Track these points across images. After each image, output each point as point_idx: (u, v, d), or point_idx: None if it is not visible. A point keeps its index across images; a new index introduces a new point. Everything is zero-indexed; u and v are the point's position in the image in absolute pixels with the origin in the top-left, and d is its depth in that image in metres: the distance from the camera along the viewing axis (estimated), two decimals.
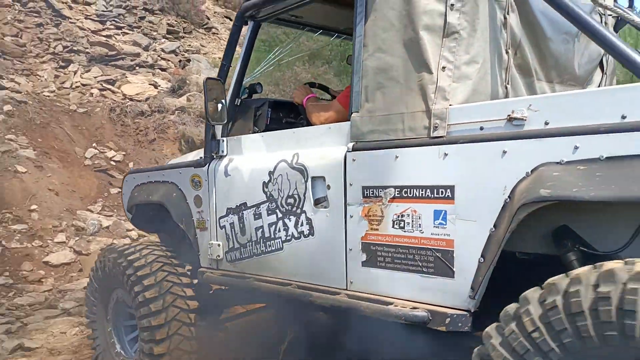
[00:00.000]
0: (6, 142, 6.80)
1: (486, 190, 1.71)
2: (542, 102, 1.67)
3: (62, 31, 9.54)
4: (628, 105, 1.43)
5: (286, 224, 2.44)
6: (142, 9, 11.21)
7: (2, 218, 5.85)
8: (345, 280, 2.16)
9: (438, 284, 1.84)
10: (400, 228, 1.96)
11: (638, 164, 1.38)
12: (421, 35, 1.94)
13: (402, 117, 2.00)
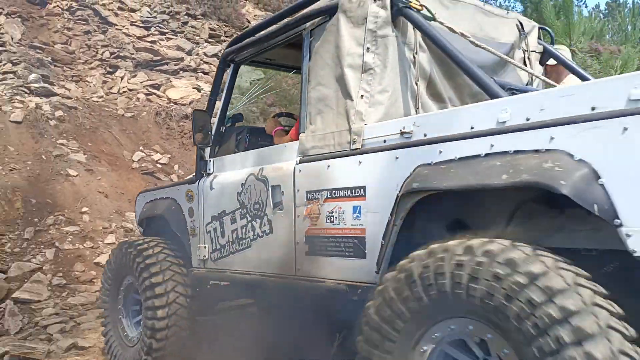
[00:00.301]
0: (58, 146, 7.05)
1: (385, 188, 2.20)
2: (422, 119, 2.18)
3: (109, 38, 9.83)
4: (475, 119, 1.96)
5: (253, 225, 2.98)
6: (185, 14, 11.44)
7: (56, 220, 6.06)
8: (294, 268, 2.67)
9: (355, 264, 2.35)
10: (331, 222, 2.48)
11: (476, 162, 1.88)
12: (346, 72, 2.50)
13: (333, 135, 2.54)
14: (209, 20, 11.68)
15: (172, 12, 11.34)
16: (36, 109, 7.41)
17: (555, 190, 1.61)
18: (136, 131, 8.07)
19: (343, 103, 2.52)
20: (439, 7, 2.64)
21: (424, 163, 2.07)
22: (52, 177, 6.62)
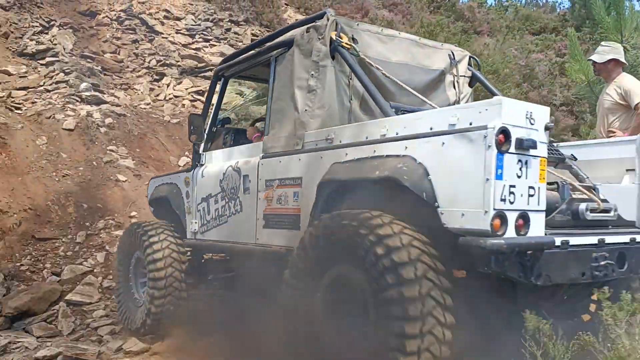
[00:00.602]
0: (108, 152, 7.29)
1: (313, 179, 3.04)
2: (339, 130, 3.02)
3: (156, 46, 10.10)
4: (369, 131, 2.81)
5: (229, 205, 3.89)
6: (228, 20, 11.63)
7: (106, 224, 6.27)
8: (255, 237, 3.58)
9: (293, 234, 3.20)
10: (279, 203, 3.37)
11: (365, 162, 2.71)
12: (296, 91, 3.33)
13: (285, 138, 3.38)
14: (251, 26, 11.84)
15: (216, 19, 11.55)
16: (87, 116, 7.69)
17: (401, 183, 2.44)
18: (182, 137, 8.25)
19: (292, 115, 3.35)
20: (377, 42, 3.47)
21: (337, 162, 2.90)
22: (102, 182, 6.85)
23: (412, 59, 3.61)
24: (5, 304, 4.71)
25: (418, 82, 3.55)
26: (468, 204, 2.24)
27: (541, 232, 2.36)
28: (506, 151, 2.22)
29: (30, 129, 7.21)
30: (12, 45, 8.77)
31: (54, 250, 5.74)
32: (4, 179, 6.17)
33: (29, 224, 5.89)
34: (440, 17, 11.86)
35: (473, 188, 2.22)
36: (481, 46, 11.90)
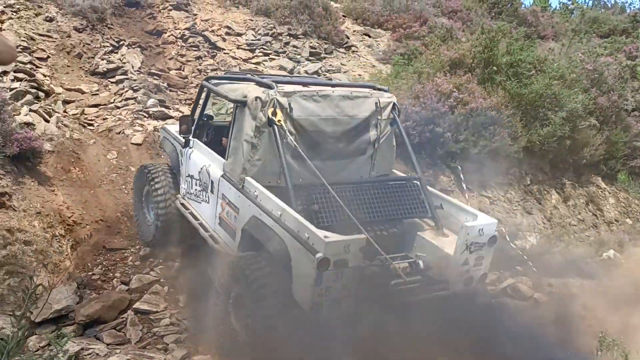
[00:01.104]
0: None
1: (243, 217, 4.45)
2: (261, 193, 4.30)
3: (218, 62, 10.42)
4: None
5: (203, 193, 5.23)
6: (287, 34, 11.83)
7: None
8: (213, 228, 5.04)
9: (231, 242, 4.62)
10: (227, 216, 4.74)
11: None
12: (244, 143, 4.48)
13: (235, 172, 4.59)
14: (310, 39, 11.99)
15: (275, 33, 11.78)
16: (154, 131, 8.00)
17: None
18: None
19: (240, 157, 4.51)
20: (311, 103, 4.50)
21: (255, 216, 4.28)
22: None
23: (341, 112, 4.64)
24: (78, 312, 4.94)
25: (343, 129, 4.68)
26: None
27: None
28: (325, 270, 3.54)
29: (101, 144, 7.59)
30: (85, 65, 9.28)
31: (123, 260, 5.99)
32: (78, 192, 6.51)
33: (100, 235, 6.19)
34: (502, 23, 11.56)
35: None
36: (546, 51, 11.51)
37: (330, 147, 4.58)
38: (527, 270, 7.27)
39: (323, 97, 4.53)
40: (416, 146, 8.46)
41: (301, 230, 3.72)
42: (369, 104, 4.76)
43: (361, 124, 4.73)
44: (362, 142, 4.77)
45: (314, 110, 4.47)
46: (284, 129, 4.25)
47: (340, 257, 3.55)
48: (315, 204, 4.14)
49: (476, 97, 8.78)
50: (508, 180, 9.27)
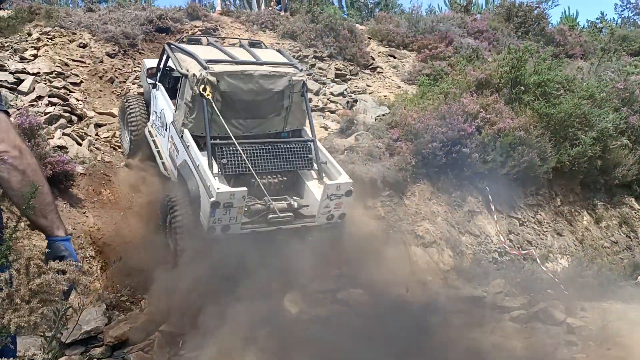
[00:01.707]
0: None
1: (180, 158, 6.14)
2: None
3: None
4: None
5: (161, 129, 6.72)
6: (313, 57, 11.96)
7: None
8: (167, 157, 6.55)
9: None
10: (175, 150, 6.25)
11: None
12: (184, 104, 6.04)
13: (178, 124, 6.14)
14: (335, 61, 12.09)
15: (301, 56, 11.92)
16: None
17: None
18: None
19: (182, 115, 6.01)
20: (236, 80, 5.88)
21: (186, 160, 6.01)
22: None
23: (260, 87, 6.04)
24: (107, 333, 5.00)
25: (262, 98, 6.12)
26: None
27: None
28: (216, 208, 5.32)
29: (130, 165, 7.74)
30: (116, 89, 9.53)
31: (151, 282, 6.04)
32: (108, 214, 6.64)
33: (129, 256, 6.27)
34: (530, 43, 11.48)
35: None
36: (574, 70, 11.36)
37: (252, 110, 6.14)
38: (559, 293, 7.10)
39: (246, 75, 5.96)
40: (443, 167, 8.41)
41: (207, 179, 5.42)
42: (283, 80, 6.17)
43: (276, 94, 6.20)
44: (277, 107, 6.29)
45: (238, 85, 5.94)
46: (211, 101, 5.74)
47: (227, 201, 5.32)
48: (224, 158, 5.74)
49: (504, 118, 8.70)
50: (538, 201, 9.11)
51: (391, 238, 7.50)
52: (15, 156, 1.77)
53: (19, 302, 1.36)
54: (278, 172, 6.18)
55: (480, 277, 7.29)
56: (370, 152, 8.49)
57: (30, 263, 1.43)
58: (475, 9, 18.58)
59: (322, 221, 6.07)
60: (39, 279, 1.39)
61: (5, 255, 1.67)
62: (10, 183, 1.76)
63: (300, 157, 6.23)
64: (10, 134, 1.79)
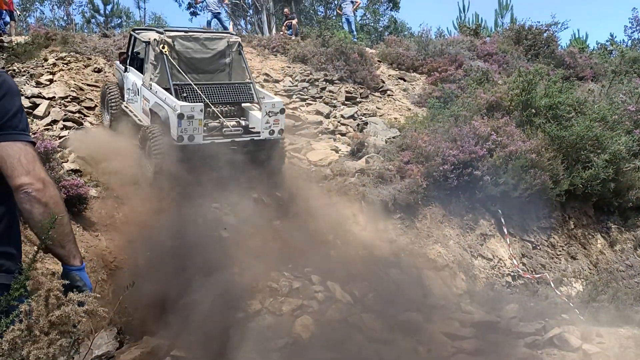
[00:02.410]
0: (212, 209, 7.66)
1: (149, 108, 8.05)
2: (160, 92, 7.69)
3: None
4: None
5: (134, 97, 8.49)
6: (323, 80, 12.07)
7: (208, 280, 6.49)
8: (140, 115, 8.21)
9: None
10: (145, 106, 8.10)
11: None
12: (150, 65, 7.99)
13: (147, 81, 7.97)
14: (345, 84, 12.19)
15: (312, 79, 12.03)
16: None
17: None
18: (280, 192, 8.51)
19: (149, 73, 7.79)
20: (187, 41, 7.89)
21: (152, 108, 7.85)
22: (206, 238, 7.16)
23: (205, 47, 8.02)
24: (118, 358, 4.98)
25: (208, 56, 8.06)
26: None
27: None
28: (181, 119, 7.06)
29: (143, 188, 7.78)
30: None
31: (162, 306, 6.03)
32: (120, 237, 6.66)
33: (140, 280, 6.27)
34: (540, 66, 11.52)
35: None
36: (585, 92, 11.35)
37: (202, 67, 8.06)
38: (574, 318, 6.98)
39: (194, 38, 7.99)
40: (454, 189, 8.39)
41: (173, 102, 7.20)
42: (223, 42, 8.18)
43: (219, 53, 8.15)
44: (221, 64, 8.22)
45: (189, 45, 7.91)
46: (169, 56, 7.66)
47: (189, 113, 7.05)
48: (185, 94, 7.64)
49: (515, 140, 8.68)
50: (551, 225, 9.03)
51: (403, 262, 7.44)
52: (39, 189, 1.81)
53: (38, 333, 1.38)
54: (227, 103, 8.06)
55: (493, 301, 7.20)
56: (381, 174, 8.50)
57: (50, 294, 1.44)
58: (485, 32, 18.72)
59: (266, 135, 7.77)
60: (58, 311, 1.40)
61: (23, 285, 1.69)
62: (32, 214, 1.80)
63: (242, 93, 8.18)
64: (36, 166, 1.83)
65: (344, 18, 17.21)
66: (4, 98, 1.82)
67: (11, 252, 1.89)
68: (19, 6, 24.48)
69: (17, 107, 1.86)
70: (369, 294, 6.60)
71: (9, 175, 1.80)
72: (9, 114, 1.82)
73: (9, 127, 1.82)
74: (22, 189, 1.79)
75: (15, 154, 1.81)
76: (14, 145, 1.82)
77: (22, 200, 1.80)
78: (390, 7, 26.32)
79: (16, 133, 1.84)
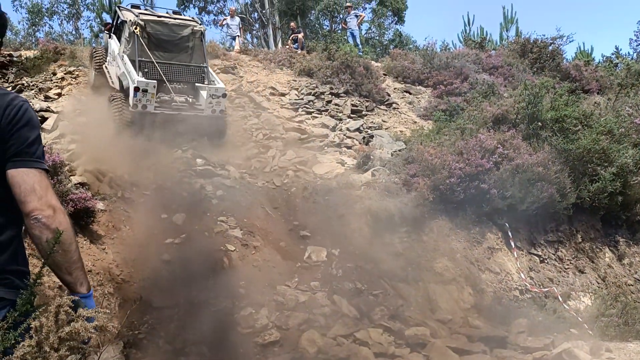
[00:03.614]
0: (219, 223, 7.67)
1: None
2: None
3: (262, 121, 10.71)
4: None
5: (112, 62, 10.15)
6: (329, 93, 12.12)
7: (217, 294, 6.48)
8: (116, 78, 9.77)
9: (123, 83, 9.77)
10: (120, 72, 9.66)
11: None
12: (124, 40, 9.84)
13: (121, 53, 9.66)
14: (351, 97, 12.23)
15: (317, 92, 12.08)
16: (200, 189, 8.21)
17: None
18: (288, 206, 8.51)
19: (123, 47, 9.63)
20: (157, 25, 9.43)
21: (118, 75, 9.78)
22: (213, 252, 7.16)
23: (171, 31, 9.40)
24: None
25: (174, 38, 9.40)
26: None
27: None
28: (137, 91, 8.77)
29: (149, 201, 7.80)
30: None
31: (169, 319, 6.01)
32: (127, 250, 6.67)
33: (147, 293, 6.26)
34: (546, 79, 11.52)
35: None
36: (591, 105, 11.34)
37: (168, 47, 9.42)
38: (583, 333, 6.91)
39: (164, 23, 9.42)
40: (461, 202, 8.36)
41: (133, 77, 8.76)
42: (188, 29, 9.57)
43: (183, 37, 9.51)
44: (184, 47, 9.57)
45: (158, 28, 9.28)
46: (139, 36, 9.02)
47: (144, 87, 8.66)
48: (146, 69, 9.06)
49: (522, 153, 8.67)
50: (558, 238, 8.97)
51: (410, 275, 7.41)
52: (49, 215, 1.86)
53: (48, 349, 1.38)
54: (181, 81, 9.50)
55: (501, 315, 7.14)
56: (387, 187, 8.49)
57: (59, 310, 1.44)
58: (490, 45, 18.77)
59: (208, 113, 9.31)
60: (68, 327, 1.40)
61: (30, 301, 1.69)
62: (41, 240, 1.85)
63: (196, 75, 9.65)
64: (48, 193, 1.90)
65: (349, 32, 17.31)
66: (25, 127, 1.92)
67: (21, 269, 1.94)
68: (28, 21, 24.78)
69: (36, 135, 1.95)
70: (376, 308, 6.56)
71: (21, 200, 1.87)
72: (27, 141, 1.91)
73: (26, 153, 1.90)
74: (32, 214, 1.85)
75: (30, 180, 1.88)
76: (30, 171, 1.89)
77: (31, 226, 1.86)
78: (395, 21, 26.46)
79: (32, 160, 1.91)
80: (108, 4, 19.34)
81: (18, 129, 1.89)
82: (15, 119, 1.89)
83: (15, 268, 1.90)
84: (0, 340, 1.46)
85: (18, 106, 1.91)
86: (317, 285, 6.94)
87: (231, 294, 6.57)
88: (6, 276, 1.85)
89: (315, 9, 24.83)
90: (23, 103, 1.94)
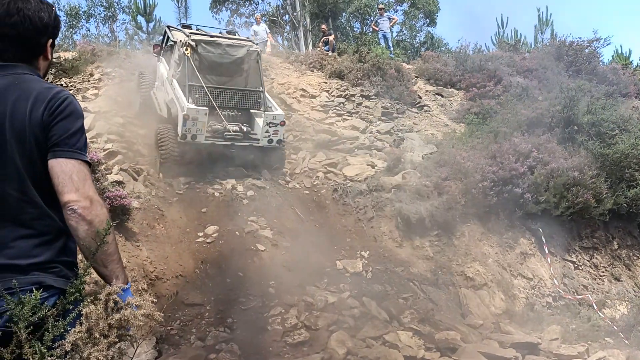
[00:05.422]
0: (249, 223, 7.75)
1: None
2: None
3: (293, 123, 10.76)
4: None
5: (161, 87, 9.26)
6: (360, 95, 12.11)
7: (246, 293, 6.55)
8: (165, 106, 8.98)
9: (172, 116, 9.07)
10: (166, 96, 9.04)
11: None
12: (174, 62, 8.98)
13: (170, 77, 8.89)
14: (382, 99, 12.19)
15: (348, 95, 12.09)
16: (232, 189, 8.30)
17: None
18: (317, 207, 8.53)
19: (172, 70, 8.83)
20: (209, 46, 8.58)
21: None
22: (243, 251, 7.25)
23: (225, 52, 8.63)
24: None
25: (228, 61, 8.68)
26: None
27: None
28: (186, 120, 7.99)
29: (182, 201, 7.94)
30: None
31: (200, 316, 6.10)
32: (160, 248, 6.79)
33: (179, 290, 6.37)
34: (582, 82, 11.28)
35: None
36: (629, 109, 11.05)
37: (221, 70, 8.69)
38: (619, 342, 6.73)
39: (217, 44, 8.64)
40: (493, 207, 8.25)
41: (183, 102, 8.06)
42: (243, 50, 8.75)
43: (238, 59, 8.73)
44: (239, 69, 8.81)
45: (211, 49, 8.55)
46: (190, 58, 8.30)
47: (194, 115, 7.93)
48: (196, 94, 8.36)
49: (557, 157, 8.51)
50: (593, 244, 8.77)
51: (440, 279, 7.34)
52: (85, 206, 1.84)
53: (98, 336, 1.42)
54: (235, 108, 8.74)
55: (533, 322, 7.01)
56: (418, 190, 8.44)
57: (109, 298, 1.49)
58: (524, 47, 18.46)
59: (264, 143, 8.57)
60: (117, 314, 1.44)
61: (79, 289, 1.74)
62: (77, 232, 1.84)
63: (251, 100, 8.87)
64: (86, 184, 1.88)
65: (381, 34, 17.26)
66: (68, 118, 1.90)
67: (70, 260, 1.96)
68: (66, 24, 25.48)
69: (77, 127, 1.94)
70: (405, 311, 6.52)
71: (59, 191, 1.85)
72: (69, 132, 1.90)
73: (66, 144, 1.88)
74: (68, 205, 1.83)
75: (69, 170, 1.86)
76: (69, 162, 1.88)
77: (68, 217, 1.84)
78: (427, 23, 26.28)
79: (72, 151, 1.90)
80: (143, 7, 19.70)
81: (60, 120, 1.88)
82: (57, 111, 1.88)
83: (64, 259, 1.92)
84: (51, 328, 1.51)
85: (62, 98, 1.91)
86: (346, 287, 6.94)
87: (261, 293, 6.63)
88: (55, 265, 1.88)
89: (347, 11, 24.83)
90: (67, 96, 1.94)
